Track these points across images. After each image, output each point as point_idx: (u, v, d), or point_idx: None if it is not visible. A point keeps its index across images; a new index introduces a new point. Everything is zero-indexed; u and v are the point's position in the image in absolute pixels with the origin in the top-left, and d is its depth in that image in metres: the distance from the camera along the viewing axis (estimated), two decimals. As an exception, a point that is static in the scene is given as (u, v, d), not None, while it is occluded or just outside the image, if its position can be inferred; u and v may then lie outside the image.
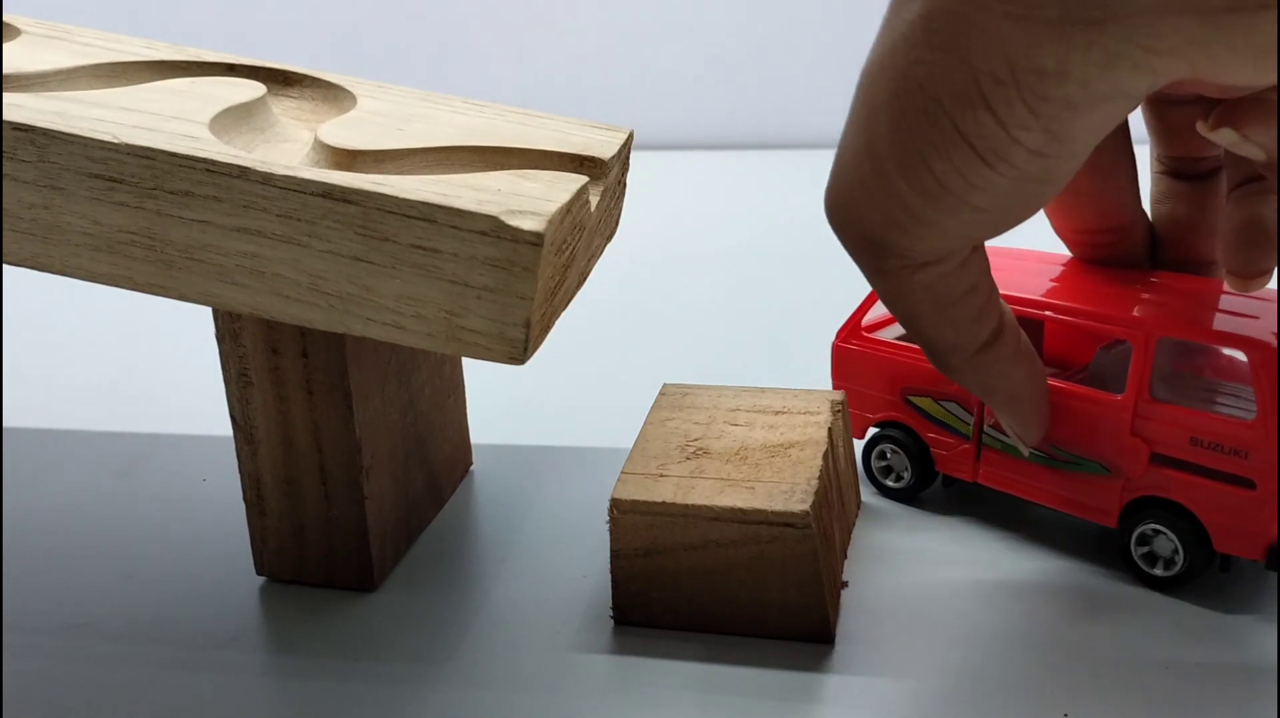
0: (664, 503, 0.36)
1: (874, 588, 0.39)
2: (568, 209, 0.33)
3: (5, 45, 0.40)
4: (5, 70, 0.37)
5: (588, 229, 0.36)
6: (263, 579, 0.41)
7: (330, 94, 0.41)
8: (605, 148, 0.37)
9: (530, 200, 0.32)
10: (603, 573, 0.40)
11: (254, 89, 0.39)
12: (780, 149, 0.96)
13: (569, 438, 0.50)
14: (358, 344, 0.38)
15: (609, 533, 0.37)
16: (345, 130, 0.37)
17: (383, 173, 0.34)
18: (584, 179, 0.35)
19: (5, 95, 0.35)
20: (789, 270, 0.70)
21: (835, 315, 0.46)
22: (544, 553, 0.42)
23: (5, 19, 0.42)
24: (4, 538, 0.44)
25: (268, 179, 0.32)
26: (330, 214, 0.32)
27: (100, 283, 0.35)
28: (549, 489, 0.46)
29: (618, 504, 0.37)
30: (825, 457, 0.38)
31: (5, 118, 0.33)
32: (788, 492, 0.36)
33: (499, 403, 0.51)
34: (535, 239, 0.31)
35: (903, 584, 0.39)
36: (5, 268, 0.36)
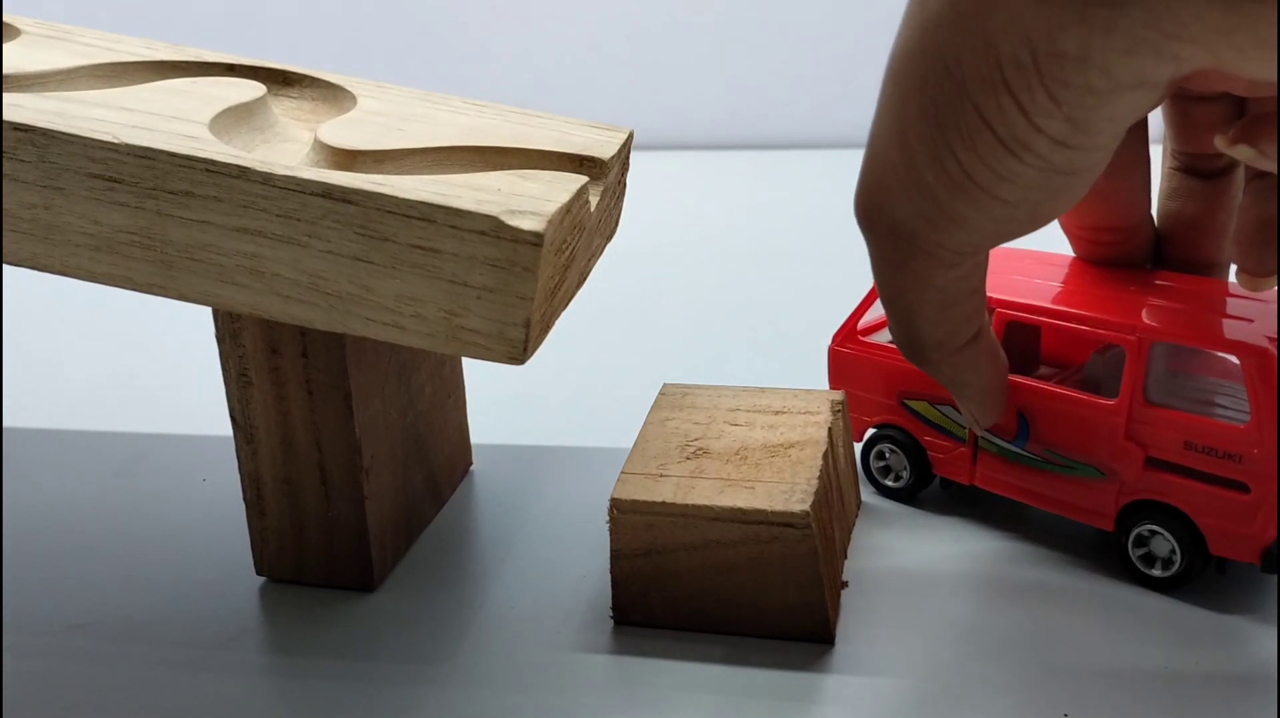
0: (664, 503, 0.36)
1: (874, 588, 0.39)
2: (567, 209, 0.33)
3: (5, 45, 0.40)
4: (5, 70, 0.37)
5: (588, 229, 0.36)
6: (262, 579, 0.41)
7: (330, 94, 0.41)
8: (605, 148, 0.37)
9: (530, 200, 0.32)
10: (603, 573, 0.40)
11: (254, 89, 0.39)
12: (780, 149, 0.96)
13: (569, 438, 0.50)
14: (358, 344, 0.38)
15: (609, 533, 0.37)
16: (345, 130, 0.37)
17: (383, 173, 0.34)
18: (584, 179, 0.35)
19: (5, 95, 0.35)
20: (789, 270, 0.70)
21: (835, 315, 0.46)
22: (544, 553, 0.42)
23: (5, 19, 0.42)
24: (4, 538, 0.44)
25: (268, 179, 0.32)
26: (330, 214, 0.32)
27: (100, 283, 0.35)
28: (549, 489, 0.46)
29: (618, 504, 0.37)
30: (825, 457, 0.38)
31: (5, 118, 0.33)
32: (788, 492, 0.36)
33: (499, 403, 0.51)
34: (535, 239, 0.31)
35: (903, 585, 0.39)
36: (5, 268, 0.36)
